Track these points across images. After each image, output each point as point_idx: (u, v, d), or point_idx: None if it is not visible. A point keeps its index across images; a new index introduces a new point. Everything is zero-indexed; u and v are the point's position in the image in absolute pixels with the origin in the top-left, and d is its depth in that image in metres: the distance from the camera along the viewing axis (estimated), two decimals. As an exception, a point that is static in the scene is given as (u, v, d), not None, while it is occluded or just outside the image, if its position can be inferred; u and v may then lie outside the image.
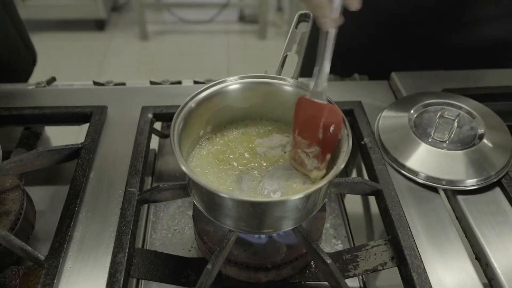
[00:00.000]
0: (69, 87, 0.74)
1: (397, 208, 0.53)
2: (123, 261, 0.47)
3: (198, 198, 0.47)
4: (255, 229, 0.45)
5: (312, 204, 0.45)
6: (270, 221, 0.44)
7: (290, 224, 0.45)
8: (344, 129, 0.46)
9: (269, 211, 0.43)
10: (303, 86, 0.52)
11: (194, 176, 0.41)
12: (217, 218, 0.46)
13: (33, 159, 0.56)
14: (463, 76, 0.76)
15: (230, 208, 0.43)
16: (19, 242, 0.47)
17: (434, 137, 0.60)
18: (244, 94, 0.53)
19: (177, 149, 0.44)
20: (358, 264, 0.51)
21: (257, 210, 0.42)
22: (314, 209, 0.47)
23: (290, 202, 0.43)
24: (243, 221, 0.45)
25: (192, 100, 0.50)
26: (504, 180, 0.57)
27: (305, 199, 0.43)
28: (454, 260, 0.50)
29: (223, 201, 0.43)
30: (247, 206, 0.43)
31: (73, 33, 2.66)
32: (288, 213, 0.44)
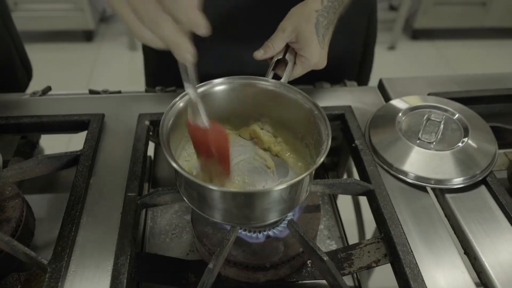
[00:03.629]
0: (65, 96, 0.75)
1: (388, 207, 0.55)
2: (125, 264, 0.48)
3: (185, 192, 0.49)
4: (243, 221, 0.47)
5: (295, 195, 0.47)
6: (256, 212, 0.46)
7: (276, 215, 0.47)
8: (325, 130, 0.48)
9: (253, 202, 0.45)
10: (289, 88, 0.54)
11: (179, 168, 0.43)
12: (204, 211, 0.47)
13: (33, 167, 0.57)
14: (447, 81, 0.79)
15: (214, 200, 0.45)
16: (22, 247, 0.48)
17: (422, 138, 0.63)
18: (230, 94, 0.55)
19: (166, 144, 0.46)
20: (353, 262, 0.53)
21: (240, 201, 0.45)
22: (298, 201, 0.49)
23: (273, 193, 0.44)
24: (230, 213, 0.46)
25: (181, 99, 0.51)
26: (489, 178, 0.59)
27: (288, 190, 0.45)
28: (444, 255, 0.52)
29: (207, 192, 0.45)
30: (229, 197, 0.44)
31: (62, 44, 2.65)
32: (272, 204, 0.45)
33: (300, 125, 0.54)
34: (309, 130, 0.52)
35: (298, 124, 0.55)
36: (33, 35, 2.60)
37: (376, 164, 0.61)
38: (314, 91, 0.77)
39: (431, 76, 0.80)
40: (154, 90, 0.76)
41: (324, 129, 0.49)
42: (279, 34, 0.57)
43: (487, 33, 2.78)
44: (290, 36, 0.57)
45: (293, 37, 0.57)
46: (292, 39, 0.57)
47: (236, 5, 0.71)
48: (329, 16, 0.58)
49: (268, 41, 0.58)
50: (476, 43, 2.78)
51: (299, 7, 0.58)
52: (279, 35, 0.57)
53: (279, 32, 0.57)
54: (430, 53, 2.71)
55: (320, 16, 0.57)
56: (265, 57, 0.58)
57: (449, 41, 2.79)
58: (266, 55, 0.58)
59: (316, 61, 0.58)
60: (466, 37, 2.80)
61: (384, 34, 2.74)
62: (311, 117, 0.51)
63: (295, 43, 0.58)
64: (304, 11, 0.57)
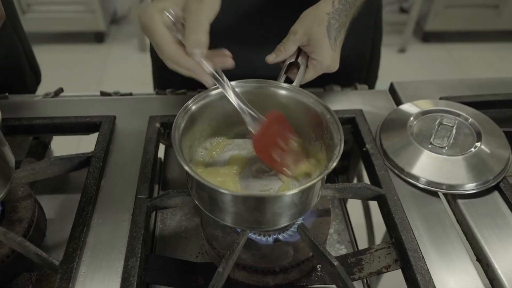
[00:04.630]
0: (76, 98, 0.75)
1: (399, 212, 0.55)
2: (135, 266, 0.48)
3: (196, 195, 0.49)
4: (254, 225, 0.47)
5: (307, 199, 0.47)
6: (267, 217, 0.46)
7: (287, 220, 0.47)
8: (338, 134, 0.48)
9: (265, 206, 0.44)
10: (301, 92, 0.54)
11: (190, 169, 0.43)
12: (215, 214, 0.47)
13: (45, 168, 0.58)
14: (459, 85, 0.79)
15: (225, 203, 0.45)
16: (34, 247, 0.48)
17: (434, 143, 0.62)
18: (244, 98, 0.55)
19: (178, 147, 0.46)
20: (363, 267, 0.53)
21: (251, 205, 0.44)
22: (309, 205, 0.48)
23: (285, 198, 0.44)
24: (240, 217, 0.46)
25: (194, 102, 0.52)
26: (502, 184, 0.58)
27: (299, 195, 0.45)
28: (456, 261, 0.51)
29: (218, 195, 0.44)
30: (240, 200, 0.44)
31: (73, 45, 2.68)
32: (284, 209, 0.45)
33: (311, 129, 0.54)
34: (321, 135, 0.52)
35: (309, 128, 0.54)
36: (45, 36, 2.64)
37: (387, 169, 0.61)
38: (324, 94, 0.77)
39: (442, 80, 0.79)
40: (164, 92, 0.77)
41: (337, 133, 0.48)
42: (290, 37, 0.57)
43: (499, 36, 2.75)
44: (301, 39, 0.57)
45: (305, 40, 0.57)
46: (304, 42, 0.57)
47: (247, 10, 0.71)
48: (340, 19, 0.58)
49: (280, 44, 0.58)
50: (488, 46, 2.75)
51: (311, 10, 0.58)
52: (290, 38, 0.57)
53: (291, 35, 0.57)
54: (441, 56, 2.69)
55: (332, 18, 0.57)
56: (277, 60, 0.58)
57: (461, 44, 2.77)
58: (278, 58, 0.58)
59: (328, 64, 0.58)
60: (477, 40, 2.77)
61: (395, 37, 2.73)
62: (323, 121, 0.51)
63: (307, 46, 0.58)
64: (316, 14, 0.57)
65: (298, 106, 0.54)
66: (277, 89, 0.55)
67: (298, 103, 0.54)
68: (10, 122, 0.66)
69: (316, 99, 0.53)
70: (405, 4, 2.76)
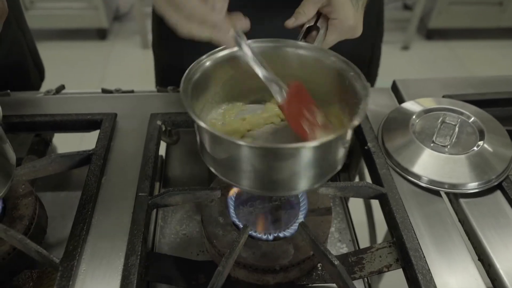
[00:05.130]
0: (78, 95, 0.75)
1: (401, 211, 0.55)
2: (136, 264, 0.48)
3: (207, 155, 0.45)
4: (267, 188, 0.43)
5: (331, 158, 0.43)
6: (285, 177, 0.42)
7: (307, 184, 0.43)
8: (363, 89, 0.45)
9: (283, 162, 0.40)
10: (320, 51, 0.51)
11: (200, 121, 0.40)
12: (228, 176, 0.44)
13: (46, 165, 0.58)
14: (462, 83, 0.78)
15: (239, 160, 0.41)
16: (35, 245, 0.48)
17: (436, 142, 0.62)
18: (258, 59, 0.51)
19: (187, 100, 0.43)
20: (364, 266, 0.53)
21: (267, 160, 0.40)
22: (333, 167, 0.44)
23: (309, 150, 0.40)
24: (254, 177, 0.42)
25: (208, 57, 0.49)
26: (505, 183, 0.58)
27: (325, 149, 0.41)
28: (457, 261, 0.51)
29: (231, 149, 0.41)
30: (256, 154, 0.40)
31: (75, 42, 2.68)
32: (305, 167, 0.41)
33: (333, 90, 0.51)
34: (344, 95, 0.49)
35: (331, 89, 0.51)
36: (48, 33, 2.64)
37: (389, 167, 0.61)
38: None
39: (445, 78, 0.79)
40: (166, 90, 0.76)
41: (361, 88, 0.45)
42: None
43: (503, 33, 2.73)
44: (321, 0, 0.54)
45: (325, 0, 0.54)
46: (324, 3, 0.54)
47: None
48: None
49: (299, 7, 0.55)
50: (491, 43, 2.74)
51: None
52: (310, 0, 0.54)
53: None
54: (444, 53, 2.68)
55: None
56: (297, 24, 0.55)
57: (464, 41, 2.75)
58: (298, 21, 0.55)
59: (351, 24, 0.55)
60: (481, 37, 2.75)
61: (398, 34, 2.72)
62: (345, 80, 0.48)
63: (327, 6, 0.55)
64: None
65: (318, 66, 0.51)
66: (295, 48, 0.52)
67: (318, 62, 0.51)
68: (12, 119, 0.66)
69: (337, 57, 0.50)
70: (409, 1, 2.75)
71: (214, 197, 0.55)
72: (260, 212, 0.55)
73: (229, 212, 0.54)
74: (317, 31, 0.56)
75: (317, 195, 0.57)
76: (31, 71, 0.89)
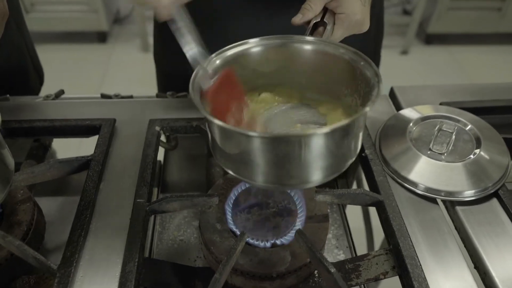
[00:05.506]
0: (77, 100, 0.76)
1: (397, 219, 0.55)
2: (133, 271, 0.48)
3: (219, 153, 0.45)
4: (282, 182, 0.42)
5: (346, 146, 0.42)
6: (299, 168, 0.41)
7: (320, 176, 0.43)
8: (374, 77, 0.45)
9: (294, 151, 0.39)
10: (328, 44, 0.51)
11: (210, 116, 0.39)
12: (239, 172, 0.43)
13: (45, 171, 0.58)
14: (460, 90, 0.78)
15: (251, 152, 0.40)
16: (32, 251, 0.48)
17: (433, 149, 0.62)
18: (267, 56, 0.51)
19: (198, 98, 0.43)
20: (361, 273, 0.53)
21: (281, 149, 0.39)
22: (349, 156, 0.44)
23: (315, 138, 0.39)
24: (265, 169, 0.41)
25: (218, 56, 0.49)
26: (501, 191, 0.58)
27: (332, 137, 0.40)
28: (453, 269, 0.51)
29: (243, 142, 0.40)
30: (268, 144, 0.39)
31: (76, 45, 2.69)
32: (319, 156, 0.40)
33: (344, 82, 0.50)
34: (355, 86, 0.48)
35: (342, 82, 0.50)
36: (48, 36, 2.65)
37: (386, 175, 0.61)
38: (324, 98, 0.77)
39: (443, 85, 0.79)
40: (165, 95, 0.77)
41: (373, 76, 0.45)
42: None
43: (502, 39, 2.74)
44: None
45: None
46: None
47: None
48: None
49: (305, 3, 0.55)
50: (490, 48, 2.75)
51: None
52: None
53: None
54: (443, 58, 2.69)
55: None
56: (304, 20, 0.55)
57: (463, 46, 2.76)
58: (305, 17, 0.54)
59: (358, 18, 0.55)
60: (480, 42, 2.76)
61: (397, 38, 2.73)
62: (356, 70, 0.47)
63: (333, 1, 0.54)
64: None
65: (327, 59, 0.51)
66: (302, 44, 0.51)
67: (327, 56, 0.51)
68: (11, 124, 0.67)
69: (346, 48, 0.49)
70: (408, 6, 2.76)
71: (212, 204, 0.55)
72: (258, 219, 0.55)
73: (227, 219, 0.55)
74: (324, 26, 0.55)
75: (314, 202, 0.57)
76: (31, 75, 0.89)
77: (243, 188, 0.58)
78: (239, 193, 0.57)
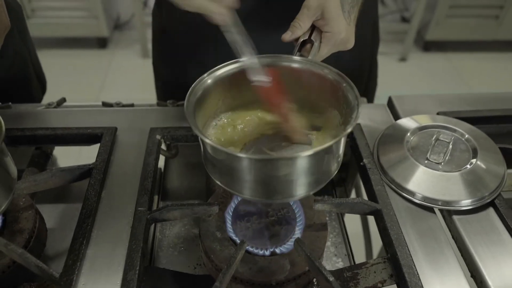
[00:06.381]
0: (78, 108, 0.76)
1: (395, 228, 0.56)
2: (134, 279, 0.49)
3: (210, 167, 0.48)
4: (267, 196, 0.46)
5: (325, 166, 0.46)
6: (283, 184, 0.44)
7: (303, 190, 0.46)
8: (354, 99, 0.48)
9: (282, 170, 0.43)
10: (314, 64, 0.53)
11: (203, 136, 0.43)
12: (228, 185, 0.47)
13: (47, 179, 0.59)
14: (457, 99, 0.79)
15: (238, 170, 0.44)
16: (35, 259, 0.49)
17: (430, 159, 0.63)
18: None
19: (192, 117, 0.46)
20: (359, 281, 0.54)
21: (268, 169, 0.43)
22: (328, 174, 0.47)
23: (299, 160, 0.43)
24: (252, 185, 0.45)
25: (209, 75, 0.52)
26: (497, 200, 0.59)
27: (316, 158, 0.43)
28: (450, 277, 0.52)
29: (232, 161, 0.44)
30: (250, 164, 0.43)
31: (76, 50, 2.70)
32: (299, 175, 0.44)
33: (327, 101, 0.53)
34: (337, 106, 0.51)
35: (325, 100, 0.53)
36: (48, 41, 2.66)
37: (384, 184, 0.62)
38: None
39: (441, 94, 0.80)
40: (165, 103, 0.78)
41: (353, 98, 0.48)
42: (304, 11, 0.57)
43: (499, 46, 2.76)
44: (315, 13, 0.56)
45: (319, 14, 0.56)
46: (318, 16, 0.57)
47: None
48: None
49: (294, 21, 0.57)
50: (488, 55, 2.77)
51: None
52: (305, 13, 0.56)
53: (305, 10, 0.57)
54: (441, 65, 2.70)
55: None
56: (293, 37, 0.57)
57: (461, 54, 2.78)
58: (294, 35, 0.57)
59: (343, 37, 0.57)
60: (478, 49, 2.78)
61: (396, 45, 2.74)
62: (339, 90, 0.50)
63: (320, 20, 0.57)
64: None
65: (313, 78, 0.54)
66: (290, 63, 0.54)
67: (313, 75, 0.53)
68: (13, 133, 0.67)
69: (330, 69, 0.52)
70: (407, 13, 2.78)
71: (212, 212, 0.56)
72: (257, 228, 0.56)
73: (227, 227, 0.55)
74: (311, 44, 0.58)
75: (313, 211, 0.58)
76: (34, 84, 0.90)
77: (243, 196, 0.59)
78: (239, 201, 0.58)
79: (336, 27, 0.57)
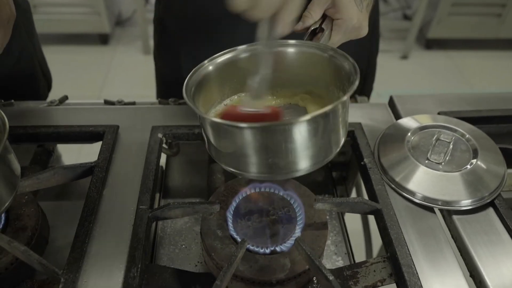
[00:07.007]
0: (81, 106, 0.77)
1: (395, 227, 0.56)
2: (136, 276, 0.49)
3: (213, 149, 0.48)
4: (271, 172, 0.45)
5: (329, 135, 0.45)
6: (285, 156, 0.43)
7: (307, 165, 0.45)
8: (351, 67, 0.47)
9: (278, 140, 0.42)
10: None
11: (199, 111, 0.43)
12: (234, 166, 0.46)
13: (49, 177, 0.59)
14: (458, 99, 0.80)
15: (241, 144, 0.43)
16: (38, 257, 0.49)
17: (431, 159, 0.63)
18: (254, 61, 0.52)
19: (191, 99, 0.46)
20: (358, 280, 0.54)
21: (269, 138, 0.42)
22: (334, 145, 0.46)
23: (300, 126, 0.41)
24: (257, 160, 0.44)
25: (210, 62, 0.52)
26: (497, 200, 0.59)
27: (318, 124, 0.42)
28: (449, 277, 0.52)
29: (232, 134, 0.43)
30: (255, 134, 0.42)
31: (78, 47, 2.70)
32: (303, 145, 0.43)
33: (327, 78, 0.52)
34: (337, 80, 0.51)
35: (325, 78, 0.53)
36: (50, 37, 2.66)
37: (384, 183, 0.62)
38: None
39: (441, 94, 0.81)
40: (167, 101, 0.78)
41: (350, 67, 0.47)
42: (315, 1, 0.56)
43: (501, 44, 2.76)
44: (327, 2, 0.56)
45: (330, 2, 0.56)
46: (329, 5, 0.56)
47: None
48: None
49: (306, 11, 0.57)
50: (490, 54, 2.76)
51: None
52: (315, 2, 0.56)
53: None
54: (443, 63, 2.70)
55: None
56: (305, 26, 0.57)
57: (463, 51, 2.78)
58: (306, 24, 0.56)
59: (355, 23, 0.57)
60: (480, 47, 2.78)
61: (397, 43, 2.74)
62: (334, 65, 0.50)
63: (331, 8, 0.56)
64: None
65: (308, 60, 0.54)
66: (286, 47, 0.54)
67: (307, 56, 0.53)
68: (16, 131, 0.68)
69: (321, 46, 0.52)
70: (409, 11, 2.78)
71: (213, 211, 0.56)
72: (258, 226, 0.56)
73: (228, 226, 0.56)
74: (322, 32, 0.57)
75: (314, 210, 0.58)
76: (40, 80, 0.90)
77: (244, 195, 0.59)
78: (240, 200, 0.58)
79: (346, 13, 0.56)
